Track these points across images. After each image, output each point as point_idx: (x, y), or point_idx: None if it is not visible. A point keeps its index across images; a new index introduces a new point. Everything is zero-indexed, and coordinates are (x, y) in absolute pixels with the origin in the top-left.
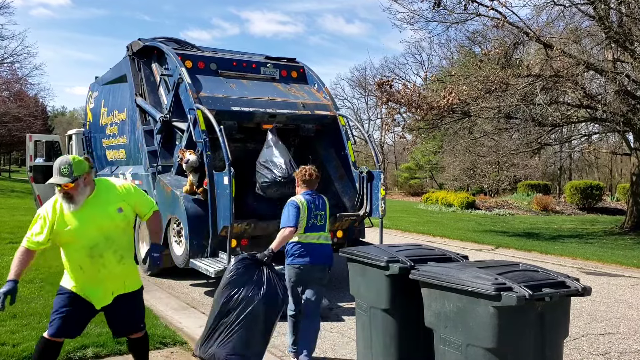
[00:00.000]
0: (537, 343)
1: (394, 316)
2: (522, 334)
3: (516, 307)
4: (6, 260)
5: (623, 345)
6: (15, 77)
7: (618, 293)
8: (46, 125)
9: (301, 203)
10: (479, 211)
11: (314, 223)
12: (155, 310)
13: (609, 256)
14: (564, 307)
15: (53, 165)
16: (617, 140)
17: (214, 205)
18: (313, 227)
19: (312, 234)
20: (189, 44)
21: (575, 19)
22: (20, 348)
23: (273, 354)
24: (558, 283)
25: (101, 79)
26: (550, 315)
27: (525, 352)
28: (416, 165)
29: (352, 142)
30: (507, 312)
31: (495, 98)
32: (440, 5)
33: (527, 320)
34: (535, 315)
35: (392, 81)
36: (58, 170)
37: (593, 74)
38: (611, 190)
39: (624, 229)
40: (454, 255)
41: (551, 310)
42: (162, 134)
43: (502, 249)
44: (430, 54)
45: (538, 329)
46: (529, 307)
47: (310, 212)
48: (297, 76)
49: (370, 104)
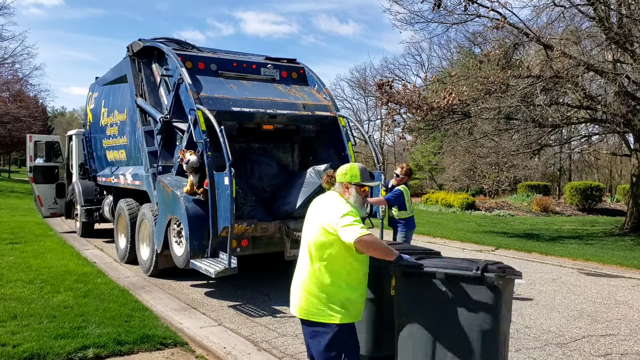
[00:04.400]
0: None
1: None
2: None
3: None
4: (6, 261)
5: (624, 347)
6: (16, 78)
7: (618, 294)
8: (46, 125)
9: (405, 190)
10: (478, 212)
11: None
12: (156, 310)
13: (609, 257)
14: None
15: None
16: (617, 141)
17: (215, 206)
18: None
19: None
20: (189, 44)
21: (575, 20)
22: (21, 349)
23: (273, 355)
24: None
25: (101, 79)
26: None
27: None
28: (416, 166)
29: (352, 143)
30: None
31: (495, 99)
32: (440, 6)
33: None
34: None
35: (392, 82)
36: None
37: (593, 75)
38: (611, 192)
39: (624, 230)
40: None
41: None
42: (163, 134)
43: (502, 250)
44: (430, 55)
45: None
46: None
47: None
48: (298, 77)
49: (370, 105)
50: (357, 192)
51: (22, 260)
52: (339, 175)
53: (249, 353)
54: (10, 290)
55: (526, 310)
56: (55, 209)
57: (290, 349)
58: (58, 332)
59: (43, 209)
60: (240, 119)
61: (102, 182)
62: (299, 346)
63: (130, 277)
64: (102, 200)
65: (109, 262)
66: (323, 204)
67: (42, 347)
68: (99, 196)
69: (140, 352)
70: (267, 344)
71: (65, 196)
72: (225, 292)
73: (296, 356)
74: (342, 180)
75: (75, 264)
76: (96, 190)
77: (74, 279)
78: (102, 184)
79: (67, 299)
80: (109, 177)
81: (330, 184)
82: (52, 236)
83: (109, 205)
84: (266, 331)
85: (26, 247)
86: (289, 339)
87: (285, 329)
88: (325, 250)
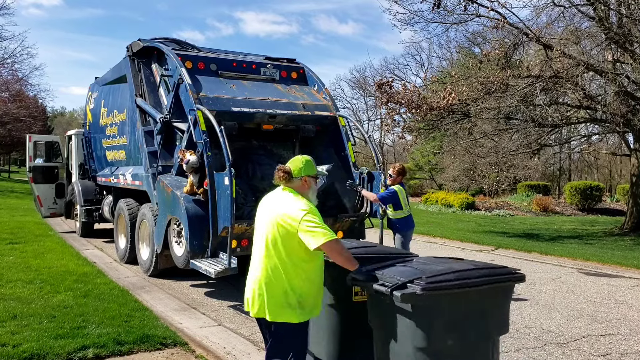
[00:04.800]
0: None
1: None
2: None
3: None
4: (6, 261)
5: (624, 347)
6: (15, 78)
7: (618, 294)
8: (46, 125)
9: (400, 190)
10: (478, 212)
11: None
12: (156, 310)
13: (608, 257)
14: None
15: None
16: (616, 141)
17: (215, 206)
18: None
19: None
20: (189, 44)
21: (575, 20)
22: (21, 349)
23: None
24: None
25: (101, 79)
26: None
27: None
28: (416, 165)
29: (352, 143)
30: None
31: (495, 99)
32: (440, 6)
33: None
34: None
35: (391, 82)
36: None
37: (593, 75)
38: (611, 191)
39: (624, 229)
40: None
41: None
42: (162, 134)
43: (502, 250)
44: (430, 55)
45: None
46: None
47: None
48: (297, 77)
49: (370, 105)
50: (314, 184)
51: (22, 260)
52: (296, 170)
53: (248, 353)
54: (10, 290)
55: (526, 310)
56: (55, 209)
57: None
58: (58, 332)
59: (43, 209)
60: (240, 119)
61: (102, 182)
62: None
63: (130, 277)
64: (101, 200)
65: (108, 262)
66: (279, 201)
67: (41, 347)
68: (98, 196)
69: (140, 352)
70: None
71: (65, 196)
72: (225, 292)
73: None
74: (301, 174)
75: (75, 264)
76: (96, 190)
77: (73, 279)
78: (101, 184)
79: (66, 299)
80: (109, 177)
81: (287, 180)
82: (52, 236)
83: (109, 205)
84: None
85: (26, 247)
86: None
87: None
88: (282, 246)
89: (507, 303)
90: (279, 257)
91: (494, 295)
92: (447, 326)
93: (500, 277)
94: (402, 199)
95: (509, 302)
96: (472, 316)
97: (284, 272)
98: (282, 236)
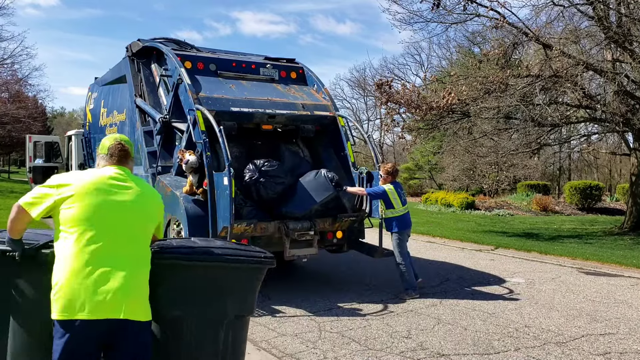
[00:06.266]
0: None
1: None
2: None
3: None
4: None
5: (623, 346)
6: (15, 78)
7: (618, 293)
8: (45, 126)
9: (390, 189)
10: (478, 211)
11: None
12: None
13: (608, 256)
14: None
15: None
16: (616, 140)
17: (214, 206)
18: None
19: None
20: (188, 44)
21: (574, 20)
22: None
23: (273, 354)
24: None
25: (100, 79)
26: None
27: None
28: (415, 165)
29: (351, 143)
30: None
31: (494, 98)
32: (439, 6)
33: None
34: None
35: (391, 81)
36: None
37: (592, 75)
38: (610, 191)
39: (624, 229)
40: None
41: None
42: (162, 134)
43: (501, 249)
44: (430, 55)
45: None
46: None
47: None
48: (297, 77)
49: (369, 105)
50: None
51: None
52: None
53: (248, 353)
54: None
55: (525, 309)
56: None
57: (290, 348)
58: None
59: None
60: (240, 119)
61: None
62: (299, 346)
63: None
64: None
65: None
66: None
67: None
68: None
69: None
70: (266, 344)
71: None
72: None
73: (295, 356)
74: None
75: None
76: None
77: None
78: None
79: None
80: None
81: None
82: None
83: None
84: (266, 331)
85: None
86: (289, 338)
87: (285, 328)
88: (149, 233)
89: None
90: (145, 247)
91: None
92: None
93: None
94: (394, 199)
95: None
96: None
97: (142, 263)
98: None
